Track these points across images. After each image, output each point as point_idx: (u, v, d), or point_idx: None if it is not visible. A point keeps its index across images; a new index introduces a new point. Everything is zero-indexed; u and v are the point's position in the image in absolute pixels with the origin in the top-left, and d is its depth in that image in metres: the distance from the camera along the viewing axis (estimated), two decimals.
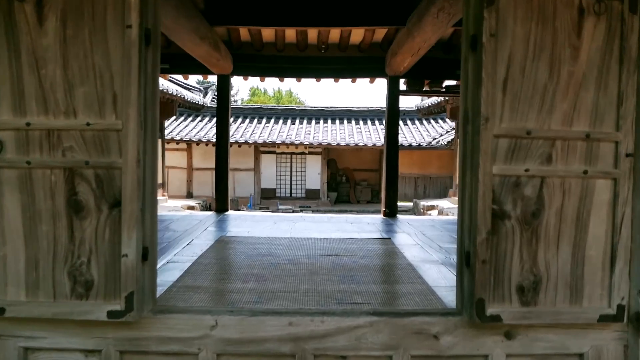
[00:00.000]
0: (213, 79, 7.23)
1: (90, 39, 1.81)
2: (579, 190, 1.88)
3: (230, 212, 6.98)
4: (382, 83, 7.60)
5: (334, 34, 6.52)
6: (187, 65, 6.77)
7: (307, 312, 2.02)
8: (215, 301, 2.95)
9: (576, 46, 1.88)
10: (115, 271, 1.81)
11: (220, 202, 7.06)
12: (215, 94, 22.53)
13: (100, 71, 1.82)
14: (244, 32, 6.51)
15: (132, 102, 1.78)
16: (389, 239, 5.11)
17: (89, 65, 1.82)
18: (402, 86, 7.19)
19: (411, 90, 7.14)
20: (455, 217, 7.18)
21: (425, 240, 5.06)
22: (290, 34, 6.56)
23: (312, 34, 6.57)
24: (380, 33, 6.49)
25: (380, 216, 7.06)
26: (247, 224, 5.92)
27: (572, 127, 1.87)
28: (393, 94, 6.96)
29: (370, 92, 72.69)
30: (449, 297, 3.05)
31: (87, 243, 1.83)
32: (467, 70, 1.90)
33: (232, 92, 49.28)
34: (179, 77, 21.44)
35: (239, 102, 46.62)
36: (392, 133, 6.98)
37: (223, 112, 7.01)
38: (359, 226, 5.94)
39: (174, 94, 11.84)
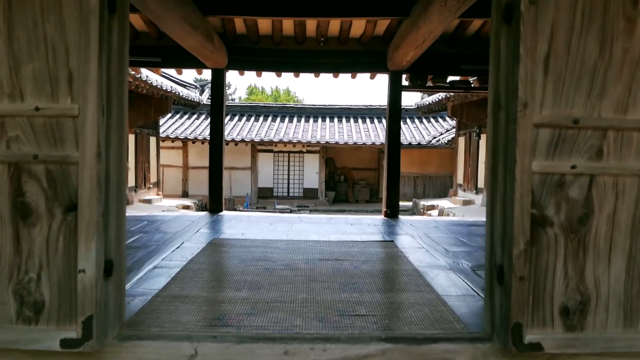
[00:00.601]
0: (206, 74, 6.92)
1: (41, 4, 1.46)
2: (635, 192, 1.54)
3: (224, 213, 6.64)
4: (381, 81, 7.29)
5: (334, 26, 6.18)
6: (180, 58, 6.43)
7: (306, 337, 1.68)
8: (203, 313, 2.61)
9: (632, 18, 1.55)
10: (71, 290, 1.47)
11: (214, 202, 6.72)
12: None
13: (53, 44, 1.47)
14: (239, 24, 6.17)
15: (91, 82, 1.43)
16: (392, 241, 4.78)
17: (40, 36, 1.47)
18: (404, 82, 6.86)
19: (414, 86, 6.81)
20: (459, 219, 6.86)
21: (430, 243, 4.73)
22: (288, 26, 6.23)
23: (311, 26, 6.23)
24: (382, 25, 6.16)
25: (381, 217, 6.73)
26: (242, 226, 5.58)
27: (626, 115, 1.54)
28: (395, 90, 6.62)
29: (368, 92, 72.30)
30: (462, 309, 2.74)
31: (36, 255, 1.48)
32: (498, 47, 1.56)
33: (230, 91, 49.08)
34: (175, 74, 21.08)
35: (237, 101, 46.32)
36: (393, 131, 6.65)
37: (217, 108, 6.66)
38: (360, 227, 5.61)
39: (169, 90, 11.48)
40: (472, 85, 6.96)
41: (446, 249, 4.41)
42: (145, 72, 9.66)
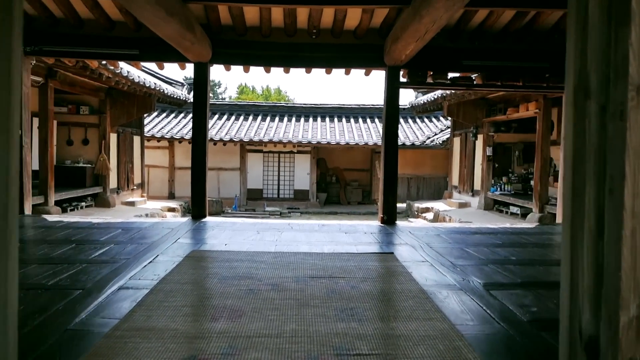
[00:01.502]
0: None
1: None
2: None
3: (208, 219, 6.14)
4: (374, 79, 6.83)
5: (327, 16, 5.72)
6: (160, 51, 5.94)
7: None
8: (169, 354, 2.13)
9: None
10: None
11: (197, 208, 6.21)
12: None
13: None
14: (224, 13, 5.68)
15: None
16: (392, 253, 4.32)
17: None
18: (402, 78, 6.41)
19: (412, 83, 6.36)
20: (461, 225, 6.41)
21: (434, 255, 4.28)
22: (277, 16, 5.75)
23: (302, 16, 5.76)
24: (379, 16, 5.71)
25: (377, 223, 6.27)
26: (226, 235, 5.09)
27: None
28: (392, 87, 6.17)
29: (361, 91, 71.80)
30: (483, 345, 2.30)
31: None
32: (584, 3, 1.06)
33: (220, 90, 48.44)
34: (162, 71, 20.54)
35: (227, 100, 45.57)
36: (391, 131, 6.20)
37: (200, 105, 6.16)
38: (355, 236, 5.15)
39: (152, 87, 10.93)
40: (475, 82, 6.52)
41: (452, 263, 3.96)
42: (126, 68, 9.11)
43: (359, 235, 5.24)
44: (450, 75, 6.61)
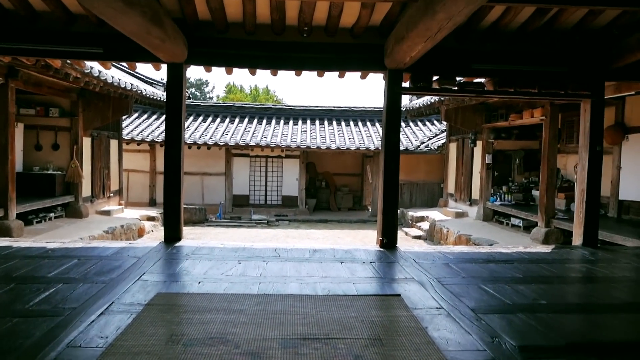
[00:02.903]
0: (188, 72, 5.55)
1: None
2: None
3: (183, 243, 5.35)
4: (370, 80, 6.11)
5: (320, 11, 4.99)
6: (128, 49, 5.14)
7: None
8: None
9: None
10: None
11: (170, 229, 5.42)
12: (187, 90, 20.77)
13: None
14: (201, 7, 4.91)
15: None
16: (398, 295, 3.60)
17: None
18: (404, 83, 5.70)
19: (416, 88, 5.65)
20: (470, 248, 5.69)
21: (448, 297, 3.58)
22: (263, 10, 5.00)
23: (292, 11, 5.02)
24: (380, 12, 4.99)
25: (374, 247, 5.56)
26: (202, 267, 4.32)
27: None
28: (393, 92, 5.46)
29: (355, 90, 71.03)
30: None
31: None
32: None
33: (208, 89, 47.59)
34: (143, 70, 19.72)
35: (215, 99, 44.57)
36: (392, 142, 5.48)
37: (174, 112, 5.37)
38: (352, 268, 4.42)
39: (129, 88, 10.08)
40: (485, 88, 5.83)
41: (474, 311, 3.26)
42: (98, 67, 8.27)
43: (357, 266, 4.51)
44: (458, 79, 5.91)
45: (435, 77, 5.70)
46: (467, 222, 11.39)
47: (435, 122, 18.12)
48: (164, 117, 17.10)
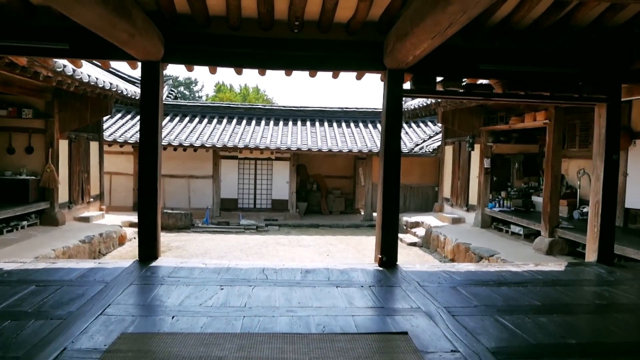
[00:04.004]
0: (172, 68, 4.97)
1: None
2: None
3: (160, 262, 4.79)
4: (365, 79, 5.59)
5: (313, 4, 4.45)
6: (97, 45, 4.58)
7: None
8: None
9: None
10: None
11: (145, 246, 4.85)
12: (172, 89, 19.99)
13: None
14: None
15: None
16: (406, 334, 3.09)
17: None
18: (405, 85, 5.19)
19: (419, 90, 5.14)
20: (478, 267, 5.19)
21: (462, 334, 3.08)
22: (249, 3, 4.46)
23: (281, 4, 4.48)
24: (379, 5, 4.47)
25: (373, 265, 5.04)
26: (178, 294, 3.78)
27: None
28: (394, 94, 4.94)
29: (350, 90, 70.46)
30: None
31: None
32: None
33: (197, 88, 46.73)
34: (125, 68, 18.97)
35: (204, 99, 43.71)
36: (392, 148, 4.97)
37: (150, 113, 4.80)
38: (349, 294, 3.90)
39: (108, 87, 9.45)
40: (494, 91, 5.35)
41: (495, 355, 2.76)
42: (72, 65, 7.65)
43: (355, 291, 3.99)
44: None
45: (439, 78, 5.21)
46: (464, 229, 10.94)
47: (429, 123, 17.68)
48: None
